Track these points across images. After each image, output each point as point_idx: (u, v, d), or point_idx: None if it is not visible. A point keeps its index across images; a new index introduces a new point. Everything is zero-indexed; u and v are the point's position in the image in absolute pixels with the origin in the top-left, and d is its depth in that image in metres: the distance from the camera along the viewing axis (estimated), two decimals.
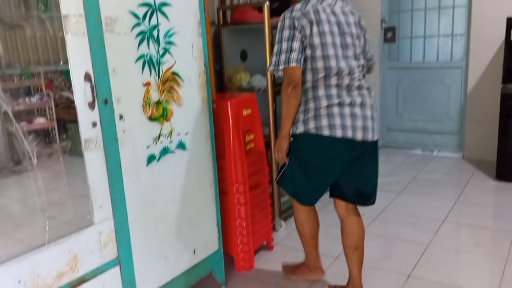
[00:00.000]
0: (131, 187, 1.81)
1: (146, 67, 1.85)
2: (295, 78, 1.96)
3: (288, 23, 1.97)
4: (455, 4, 4.49)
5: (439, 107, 4.70)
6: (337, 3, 2.06)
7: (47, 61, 2.43)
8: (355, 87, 2.02)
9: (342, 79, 1.99)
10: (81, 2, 1.54)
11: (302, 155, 2.07)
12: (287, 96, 1.99)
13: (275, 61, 1.98)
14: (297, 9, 2.00)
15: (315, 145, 2.01)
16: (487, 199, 3.51)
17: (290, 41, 1.94)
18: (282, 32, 1.98)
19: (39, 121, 2.56)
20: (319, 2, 2.02)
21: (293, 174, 2.13)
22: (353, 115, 1.97)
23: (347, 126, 1.96)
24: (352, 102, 1.99)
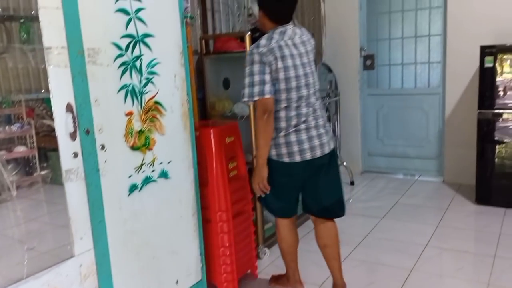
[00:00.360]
0: (112, 217, 1.79)
1: (128, 97, 1.86)
2: (269, 107, 2.12)
3: (257, 58, 2.11)
4: (431, 33, 4.65)
5: (418, 132, 4.80)
6: (296, 34, 2.22)
7: (28, 90, 2.42)
8: (311, 112, 2.22)
9: (300, 108, 2.19)
10: (63, 35, 1.56)
11: (270, 176, 2.24)
12: (264, 124, 2.13)
13: (249, 92, 2.11)
14: (263, 45, 2.13)
15: (277, 168, 2.23)
16: (467, 223, 3.56)
17: (262, 75, 2.10)
18: (252, 65, 2.11)
19: (19, 149, 2.52)
20: (281, 37, 2.16)
21: (268, 197, 2.32)
22: (309, 138, 2.20)
23: (304, 150, 2.19)
24: (308, 127, 2.20)
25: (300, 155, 2.18)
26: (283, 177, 2.25)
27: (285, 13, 2.20)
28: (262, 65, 2.10)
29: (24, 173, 2.63)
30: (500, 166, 3.81)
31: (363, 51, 4.90)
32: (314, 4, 4.70)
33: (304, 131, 2.19)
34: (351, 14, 4.81)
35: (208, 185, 2.48)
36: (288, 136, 2.18)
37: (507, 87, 3.73)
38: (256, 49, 2.12)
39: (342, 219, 2.40)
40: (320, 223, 2.40)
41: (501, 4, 4.04)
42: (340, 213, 2.38)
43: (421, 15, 4.68)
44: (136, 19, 1.85)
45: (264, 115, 2.11)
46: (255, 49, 2.12)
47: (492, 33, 4.06)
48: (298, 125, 2.18)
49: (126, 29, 1.81)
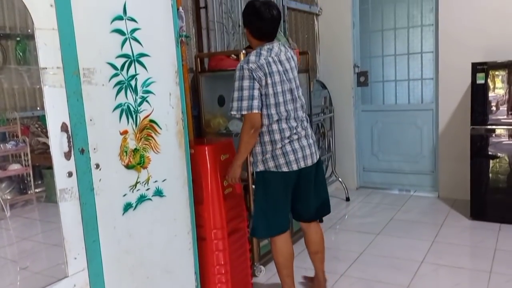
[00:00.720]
0: (106, 237, 1.78)
1: (123, 116, 1.87)
2: (256, 122, 2.26)
3: (247, 73, 2.22)
4: (423, 50, 4.71)
5: (412, 147, 4.83)
6: (281, 51, 2.37)
7: (23, 107, 2.43)
8: (299, 124, 2.39)
9: (290, 121, 2.34)
10: (59, 55, 1.58)
11: (268, 189, 2.38)
12: (248, 137, 2.29)
13: (237, 106, 2.23)
14: (252, 61, 2.23)
15: (275, 179, 2.36)
16: (462, 238, 3.56)
17: (251, 90, 2.22)
18: (242, 81, 2.23)
19: (13, 167, 2.52)
20: (268, 53, 2.29)
21: (266, 212, 2.40)
22: (302, 148, 2.37)
23: (299, 159, 2.36)
24: (299, 137, 2.37)
25: (296, 164, 2.35)
26: (282, 186, 2.38)
27: (269, 30, 2.34)
28: (251, 81, 2.21)
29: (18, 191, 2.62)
30: (494, 181, 3.83)
31: (356, 68, 4.95)
32: (308, 22, 4.77)
33: (296, 141, 2.35)
34: (344, 32, 4.87)
35: (203, 202, 2.48)
36: (284, 147, 2.32)
37: (499, 102, 3.78)
38: (246, 64, 2.23)
39: (338, 235, 2.41)
40: (312, 229, 2.57)
41: (491, 22, 4.11)
42: (326, 212, 2.65)
43: (413, 32, 4.75)
44: (131, 39, 1.87)
45: (251, 129, 2.26)
46: (245, 64, 2.23)
47: (483, 50, 4.13)
48: (291, 136, 2.34)
49: (121, 49, 1.83)
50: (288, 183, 2.39)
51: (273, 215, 2.42)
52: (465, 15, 4.22)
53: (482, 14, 4.15)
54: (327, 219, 4.06)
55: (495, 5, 4.08)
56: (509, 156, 3.75)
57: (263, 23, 2.31)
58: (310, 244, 2.61)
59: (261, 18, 2.30)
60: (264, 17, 2.29)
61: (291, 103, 2.35)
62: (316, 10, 4.89)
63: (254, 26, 2.33)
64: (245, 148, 2.33)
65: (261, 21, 2.30)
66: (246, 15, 2.36)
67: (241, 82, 2.22)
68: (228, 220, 2.54)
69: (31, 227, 2.64)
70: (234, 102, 2.24)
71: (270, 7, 2.32)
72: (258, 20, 2.30)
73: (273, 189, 2.38)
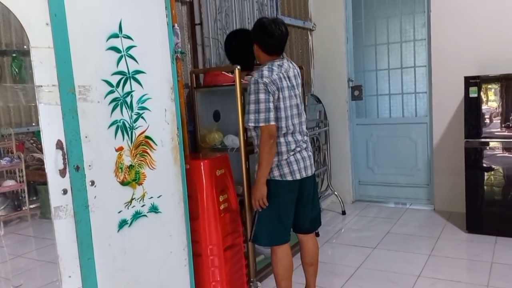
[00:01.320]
0: (101, 254, 1.77)
1: (119, 133, 1.87)
2: (274, 133, 2.34)
3: (262, 87, 2.31)
4: (416, 64, 4.76)
5: (408, 160, 4.85)
6: (290, 68, 2.49)
7: (18, 123, 2.43)
8: (303, 137, 2.51)
9: (295, 135, 2.46)
10: (55, 73, 1.58)
11: (273, 198, 2.41)
12: (269, 148, 2.33)
13: (255, 118, 2.31)
14: (266, 75, 2.33)
15: (280, 188, 2.42)
16: (459, 252, 3.55)
17: (267, 103, 2.30)
18: (258, 94, 2.30)
19: (8, 183, 2.50)
20: (279, 69, 2.39)
21: (270, 221, 2.43)
22: (303, 159, 2.47)
23: (301, 169, 2.45)
24: (301, 149, 2.47)
25: (299, 173, 2.44)
26: (287, 194, 2.44)
27: (278, 46, 2.45)
28: (267, 94, 2.30)
29: (12, 208, 2.60)
30: (489, 193, 3.85)
31: (350, 82, 4.99)
32: (302, 38, 4.82)
33: (299, 153, 2.45)
34: (338, 46, 4.93)
35: (198, 218, 2.47)
36: (289, 158, 2.42)
37: (493, 115, 3.81)
38: (260, 78, 2.32)
39: (335, 250, 2.41)
40: (310, 241, 2.63)
41: (482, 36, 4.17)
42: (319, 224, 2.71)
43: (406, 47, 4.80)
44: (127, 56, 1.89)
45: (270, 140, 2.32)
46: (260, 78, 2.32)
47: (475, 63, 4.18)
48: (295, 149, 2.44)
49: (117, 66, 1.84)
50: (291, 192, 2.46)
51: (276, 224, 2.45)
52: (457, 29, 4.28)
53: (473, 29, 4.21)
54: (324, 233, 4.05)
55: (486, 19, 4.14)
56: (503, 169, 3.77)
57: (273, 39, 2.41)
58: (306, 256, 2.64)
59: (271, 35, 2.40)
60: (274, 34, 2.40)
61: (297, 118, 2.47)
62: (310, 25, 4.95)
63: (264, 42, 2.42)
64: (268, 160, 2.35)
65: (271, 37, 2.40)
66: (257, 32, 2.46)
67: (258, 95, 2.30)
68: (224, 235, 2.54)
69: (25, 244, 2.62)
70: (251, 114, 2.31)
71: (279, 24, 2.44)
72: (268, 36, 2.40)
73: (277, 197, 2.42)
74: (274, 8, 4.18)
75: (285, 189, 2.43)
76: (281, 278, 2.50)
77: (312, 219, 2.62)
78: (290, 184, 2.43)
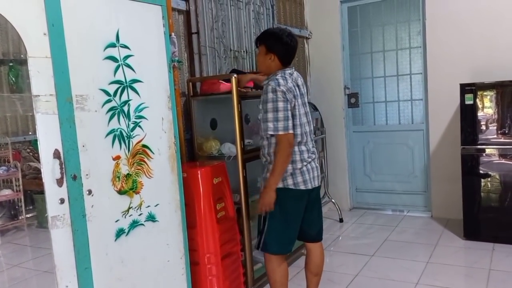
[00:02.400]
0: (98, 264, 1.76)
1: (116, 141, 1.88)
2: (292, 141, 2.36)
3: (280, 95, 2.31)
4: (412, 72, 4.79)
5: (404, 167, 4.86)
6: (298, 77, 2.53)
7: (15, 132, 2.42)
8: (313, 146, 2.53)
9: (308, 144, 2.47)
10: (52, 83, 1.59)
11: (284, 206, 2.40)
12: (286, 156, 2.34)
13: (274, 126, 2.30)
14: (283, 84, 2.35)
15: (293, 197, 2.42)
16: (457, 259, 3.55)
17: (286, 111, 2.31)
18: (277, 102, 2.30)
19: (4, 193, 2.49)
20: (291, 79, 2.43)
21: (280, 229, 2.43)
22: (313, 169, 2.48)
23: (312, 178, 2.46)
24: (311, 159, 2.47)
25: (311, 183, 2.45)
26: (298, 203, 2.45)
27: (292, 56, 2.52)
28: (285, 102, 2.31)
29: (9, 217, 2.58)
30: (486, 200, 3.85)
31: (347, 89, 5.02)
32: (299, 45, 4.82)
33: (310, 163, 2.46)
34: (334, 54, 4.95)
35: (196, 227, 2.47)
36: (303, 167, 2.42)
37: (489, 121, 3.83)
38: (278, 87, 2.32)
39: (332, 257, 2.41)
40: (318, 250, 2.63)
41: (477, 44, 4.20)
42: (322, 233, 2.70)
43: (402, 55, 4.83)
44: (124, 65, 1.89)
45: (289, 148, 2.34)
46: (278, 87, 2.32)
47: (470, 70, 4.21)
48: (308, 158, 2.45)
49: (114, 76, 1.85)
50: (302, 201, 2.47)
51: (288, 232, 2.47)
52: (452, 37, 4.32)
53: (468, 36, 4.24)
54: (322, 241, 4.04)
55: (480, 26, 4.18)
56: (500, 175, 3.79)
57: (290, 48, 2.47)
58: (312, 265, 2.63)
59: (288, 44, 2.45)
60: (290, 44, 2.46)
61: (307, 126, 2.49)
62: (306, 33, 4.98)
63: (282, 51, 2.45)
64: (283, 168, 2.36)
65: (288, 46, 2.45)
66: (274, 42, 2.46)
67: (276, 104, 2.30)
68: (221, 244, 2.53)
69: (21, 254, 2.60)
70: (270, 122, 2.31)
71: (291, 34, 2.51)
72: (286, 46, 2.45)
73: (290, 206, 2.43)
74: (271, 17, 4.21)
75: (297, 197, 2.44)
76: (279, 285, 2.49)
77: (319, 229, 2.64)
78: (302, 193, 2.44)
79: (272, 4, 4.22)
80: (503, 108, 3.78)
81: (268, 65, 2.50)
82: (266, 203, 2.38)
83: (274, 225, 2.44)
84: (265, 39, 2.51)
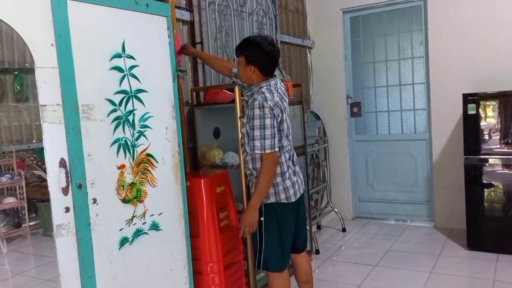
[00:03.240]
0: (102, 272, 1.77)
1: (121, 151, 1.89)
2: (277, 160, 2.31)
3: (268, 111, 2.22)
4: (414, 81, 4.81)
5: (407, 177, 4.85)
6: (282, 86, 2.46)
7: (19, 140, 2.44)
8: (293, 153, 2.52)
9: (290, 152, 2.47)
10: (59, 92, 1.61)
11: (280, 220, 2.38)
12: (271, 175, 2.29)
13: (261, 145, 2.23)
14: (269, 98, 2.26)
15: (286, 210, 2.40)
16: (460, 269, 3.53)
17: (273, 129, 2.24)
18: (264, 119, 2.22)
19: (8, 200, 2.50)
20: (276, 90, 2.33)
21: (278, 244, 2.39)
22: (298, 179, 2.47)
23: (299, 187, 2.46)
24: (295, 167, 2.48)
25: (298, 192, 2.45)
26: (291, 216, 2.44)
27: (275, 66, 2.40)
28: (272, 119, 2.23)
29: (13, 225, 2.59)
30: (489, 210, 3.85)
31: (349, 98, 5.03)
32: (301, 55, 4.88)
33: (294, 173, 2.45)
34: (336, 64, 4.98)
35: (199, 235, 2.47)
36: (290, 178, 2.41)
37: (492, 131, 3.84)
38: (265, 102, 2.23)
39: (335, 267, 2.40)
40: (303, 259, 2.61)
41: (480, 54, 4.22)
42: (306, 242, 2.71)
43: (404, 64, 4.86)
44: (129, 75, 1.92)
45: (274, 167, 2.29)
46: (265, 102, 2.23)
47: (472, 80, 4.22)
48: (292, 166, 2.45)
49: (120, 86, 1.87)
50: (294, 213, 2.46)
51: (286, 246, 2.44)
52: (454, 47, 4.34)
53: (471, 47, 4.26)
54: (324, 250, 4.03)
55: (483, 36, 4.20)
56: (503, 185, 3.78)
57: (271, 59, 2.33)
58: (301, 274, 2.63)
59: (269, 55, 2.31)
60: (272, 54, 2.32)
61: (290, 136, 2.48)
62: (309, 43, 5.01)
63: (262, 62, 2.31)
64: (267, 188, 2.30)
65: (269, 57, 2.32)
66: (253, 52, 2.31)
67: (263, 121, 2.21)
68: (224, 253, 2.53)
69: (24, 262, 2.61)
70: (256, 140, 2.22)
71: (272, 42, 2.35)
72: (267, 56, 2.31)
73: (285, 220, 2.41)
74: (273, 27, 4.24)
75: (290, 211, 2.41)
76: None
77: (305, 238, 2.64)
78: (294, 205, 2.42)
79: (275, 14, 4.25)
80: (506, 118, 3.79)
81: (249, 77, 2.36)
82: (249, 224, 2.29)
83: (271, 241, 2.39)
84: (244, 49, 2.35)
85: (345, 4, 4.88)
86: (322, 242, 4.30)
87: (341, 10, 4.92)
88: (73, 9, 1.66)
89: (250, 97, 2.34)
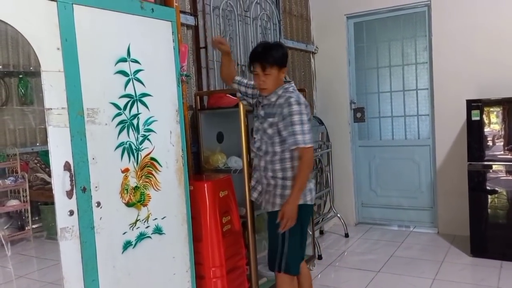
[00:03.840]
0: (106, 276, 1.77)
1: (125, 154, 1.90)
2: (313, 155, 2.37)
3: (304, 108, 2.32)
4: (418, 87, 4.81)
5: (411, 183, 4.84)
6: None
7: (23, 143, 2.45)
8: None
9: None
10: (64, 96, 1.62)
11: (305, 223, 2.44)
12: (309, 170, 2.31)
13: (303, 139, 2.27)
14: (301, 96, 2.37)
15: (309, 212, 2.46)
16: (463, 276, 3.51)
17: (309, 124, 2.32)
18: (302, 116, 2.30)
19: (12, 203, 2.51)
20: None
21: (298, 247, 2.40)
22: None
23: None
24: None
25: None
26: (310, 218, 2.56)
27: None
28: (307, 116, 2.34)
29: (16, 227, 2.60)
30: (493, 217, 3.83)
31: (353, 104, 5.03)
32: (305, 60, 4.89)
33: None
34: (340, 69, 4.99)
35: (202, 240, 2.47)
36: (311, 181, 2.43)
37: (495, 137, 3.82)
38: (299, 98, 2.34)
39: (338, 273, 2.39)
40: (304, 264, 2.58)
41: (483, 60, 4.21)
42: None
43: (408, 70, 4.86)
44: (134, 79, 1.93)
45: (312, 160, 2.35)
46: (301, 99, 2.35)
47: (476, 86, 4.22)
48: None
49: (125, 90, 1.88)
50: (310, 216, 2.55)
51: (304, 249, 2.47)
52: (458, 53, 4.34)
53: (475, 53, 4.26)
54: (327, 256, 4.02)
55: (487, 43, 4.20)
56: (507, 192, 3.76)
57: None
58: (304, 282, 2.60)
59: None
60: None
61: None
62: (313, 48, 5.02)
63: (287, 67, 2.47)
64: (306, 183, 2.32)
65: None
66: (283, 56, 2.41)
67: (302, 117, 2.29)
68: (227, 257, 2.53)
69: (27, 265, 2.61)
70: (298, 135, 2.26)
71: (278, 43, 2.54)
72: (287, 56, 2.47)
73: (306, 222, 2.45)
74: (277, 32, 4.25)
75: (310, 213, 2.49)
76: None
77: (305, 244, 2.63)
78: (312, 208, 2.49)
79: (279, 19, 4.27)
80: (509, 124, 3.78)
81: (276, 82, 2.39)
82: (291, 217, 2.24)
83: (295, 244, 2.37)
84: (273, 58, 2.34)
85: (349, 10, 4.90)
86: (325, 247, 4.29)
87: (345, 15, 4.93)
88: (79, 13, 1.68)
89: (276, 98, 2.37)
